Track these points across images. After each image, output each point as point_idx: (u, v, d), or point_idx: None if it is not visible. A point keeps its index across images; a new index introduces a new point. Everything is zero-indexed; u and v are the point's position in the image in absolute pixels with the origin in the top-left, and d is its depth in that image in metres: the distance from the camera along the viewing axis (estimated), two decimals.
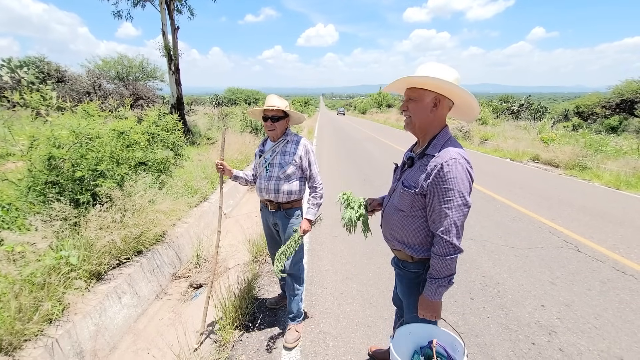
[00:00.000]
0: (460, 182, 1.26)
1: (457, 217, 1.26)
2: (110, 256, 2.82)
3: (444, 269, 1.30)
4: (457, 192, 1.26)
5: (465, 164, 1.29)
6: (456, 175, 1.26)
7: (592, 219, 4.71)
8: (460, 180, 1.26)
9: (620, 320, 2.49)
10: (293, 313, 2.30)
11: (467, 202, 1.27)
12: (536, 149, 10.69)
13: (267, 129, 2.21)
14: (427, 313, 1.41)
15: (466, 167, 1.29)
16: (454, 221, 1.26)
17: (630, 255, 3.55)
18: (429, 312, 1.40)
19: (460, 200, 1.26)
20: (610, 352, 2.16)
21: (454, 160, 1.27)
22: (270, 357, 2.15)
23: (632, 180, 6.94)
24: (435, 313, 1.39)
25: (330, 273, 3.24)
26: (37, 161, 3.23)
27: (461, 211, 1.27)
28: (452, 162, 1.27)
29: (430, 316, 1.41)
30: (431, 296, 1.35)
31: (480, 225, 4.47)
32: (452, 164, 1.27)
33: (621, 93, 20.45)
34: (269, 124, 2.19)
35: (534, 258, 3.49)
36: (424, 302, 1.39)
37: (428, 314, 1.41)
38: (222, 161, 2.24)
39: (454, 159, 1.28)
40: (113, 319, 2.60)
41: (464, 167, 1.28)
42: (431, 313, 1.40)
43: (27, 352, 1.98)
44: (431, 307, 1.38)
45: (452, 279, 1.33)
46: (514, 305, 2.67)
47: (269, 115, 2.17)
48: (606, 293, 2.84)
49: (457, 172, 1.26)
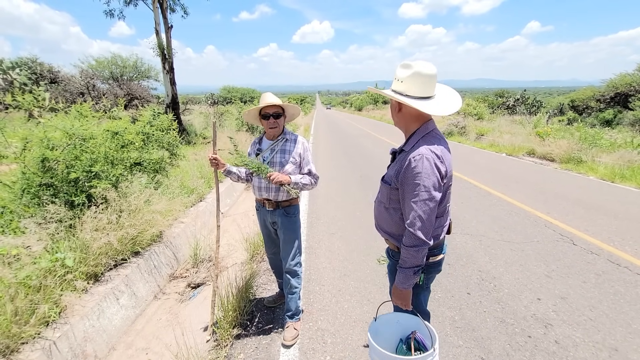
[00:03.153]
0: (426, 177, 1.30)
1: (422, 210, 1.30)
2: (107, 257, 2.81)
3: (409, 259, 1.35)
4: (423, 187, 1.30)
5: (433, 159, 1.32)
6: (422, 171, 1.31)
7: (587, 212, 4.74)
8: (426, 175, 1.30)
9: (615, 311, 2.52)
10: (291, 311, 2.31)
11: (433, 197, 1.31)
12: (532, 143, 10.73)
13: (268, 127, 2.18)
14: (397, 301, 1.46)
15: (434, 163, 1.32)
16: (419, 215, 1.31)
17: (625, 248, 3.59)
18: (399, 300, 1.46)
19: (426, 195, 1.30)
20: (605, 343, 2.19)
21: (421, 156, 1.32)
22: (269, 355, 2.16)
23: (626, 173, 6.99)
24: (404, 302, 1.45)
25: (327, 270, 3.25)
26: (31, 163, 3.20)
27: (427, 205, 1.30)
28: (419, 158, 1.32)
29: (401, 304, 1.45)
30: (399, 284, 1.41)
31: (477, 220, 4.49)
32: (419, 159, 1.32)
33: (615, 86, 20.57)
34: (271, 122, 2.16)
35: (530, 252, 3.52)
36: (395, 290, 1.45)
37: (399, 302, 1.46)
38: (215, 155, 2.21)
39: (421, 154, 1.33)
40: (111, 320, 2.60)
41: (431, 163, 1.31)
42: (401, 301, 1.45)
43: (24, 355, 1.97)
44: (400, 296, 1.44)
45: (418, 270, 1.38)
46: (510, 299, 2.69)
47: (270, 113, 2.15)
48: (601, 285, 2.88)
49: (424, 167, 1.31)
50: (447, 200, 1.47)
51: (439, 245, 1.51)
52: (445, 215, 1.50)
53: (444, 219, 1.49)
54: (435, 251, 1.50)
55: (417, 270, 1.37)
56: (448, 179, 1.40)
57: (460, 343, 2.22)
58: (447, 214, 1.51)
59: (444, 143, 1.43)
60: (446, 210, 1.49)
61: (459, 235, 4.00)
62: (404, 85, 1.39)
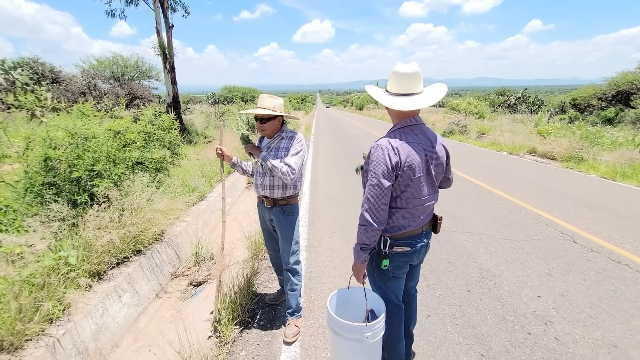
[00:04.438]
0: (377, 164, 1.43)
1: (371, 195, 1.43)
2: (110, 255, 2.83)
3: (359, 236, 1.50)
4: (373, 173, 1.44)
5: (387, 149, 1.43)
6: (374, 159, 1.45)
7: (588, 211, 4.75)
8: (377, 163, 1.43)
9: (615, 309, 2.53)
10: (292, 308, 2.33)
11: (381, 184, 1.42)
12: (533, 142, 10.71)
13: (258, 129, 2.26)
14: (354, 274, 1.62)
15: (387, 153, 1.41)
16: (367, 197, 1.45)
17: (625, 245, 3.59)
18: (353, 272, 1.61)
19: (375, 181, 1.43)
20: (605, 340, 2.20)
21: (377, 145, 1.46)
22: (270, 352, 2.17)
23: (627, 171, 6.98)
24: (357, 275, 1.59)
25: (328, 268, 3.26)
26: (34, 163, 3.22)
27: (374, 190, 1.42)
28: (375, 147, 1.47)
29: (355, 277, 1.61)
30: (354, 258, 1.57)
31: (477, 218, 4.50)
32: (374, 149, 1.47)
33: (617, 85, 20.50)
34: (258, 125, 2.23)
35: (530, 250, 3.53)
36: (353, 265, 1.60)
37: (355, 276, 1.62)
38: (221, 146, 2.28)
39: (377, 144, 1.47)
40: (114, 318, 2.62)
41: (384, 152, 1.43)
42: (355, 274, 1.61)
43: (28, 352, 2.00)
44: (354, 269, 1.60)
45: (366, 248, 1.50)
46: (511, 297, 2.70)
47: (258, 117, 2.20)
48: (601, 283, 2.88)
49: (376, 155, 1.44)
50: (414, 194, 1.50)
51: (405, 237, 1.56)
52: (412, 209, 1.53)
53: (409, 212, 1.52)
54: (401, 242, 1.55)
55: (364, 247, 1.50)
56: (406, 171, 1.44)
57: (461, 340, 2.23)
58: (416, 209, 1.54)
59: (415, 138, 1.48)
60: (411, 204, 1.51)
61: (460, 233, 4.01)
62: (388, 83, 1.52)
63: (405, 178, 1.45)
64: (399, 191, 1.48)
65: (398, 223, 1.53)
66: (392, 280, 1.65)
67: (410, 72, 1.47)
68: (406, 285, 1.80)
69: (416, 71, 1.47)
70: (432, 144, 1.52)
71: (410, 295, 1.85)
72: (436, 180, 1.58)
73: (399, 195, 1.49)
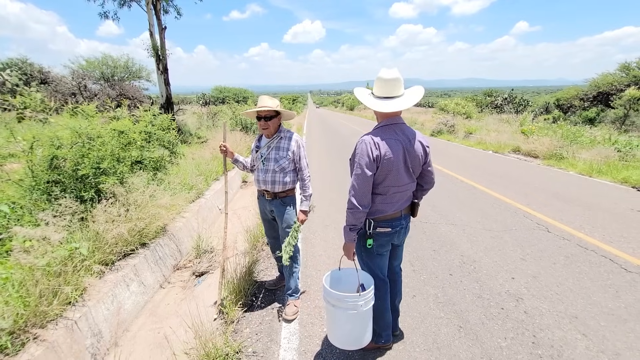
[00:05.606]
0: (361, 156, 1.70)
1: (356, 182, 1.70)
2: (119, 247, 3.02)
3: (347, 218, 1.77)
4: (358, 163, 1.71)
5: (369, 143, 1.70)
6: (359, 152, 1.71)
7: (563, 204, 5.10)
8: (361, 155, 1.70)
9: (578, 287, 2.84)
10: (291, 289, 2.57)
11: (364, 173, 1.68)
12: (517, 141, 11.16)
13: (261, 127, 2.44)
14: (344, 252, 1.87)
15: (369, 147, 1.68)
16: (353, 184, 1.72)
17: (594, 234, 3.93)
18: (344, 251, 1.87)
19: (359, 170, 1.70)
20: (567, 312, 2.50)
21: (361, 140, 1.74)
22: (272, 328, 2.41)
23: (603, 168, 7.41)
24: (347, 253, 1.85)
25: (323, 258, 3.51)
26: (40, 161, 3.37)
27: (359, 178, 1.70)
28: (359, 142, 1.74)
29: (346, 255, 1.87)
30: (345, 239, 1.82)
31: (461, 211, 4.81)
32: (359, 143, 1.74)
33: (597, 86, 21.31)
34: (262, 123, 2.42)
35: (508, 239, 3.84)
36: (343, 245, 1.86)
37: (345, 254, 1.87)
38: (225, 143, 2.49)
39: (362, 139, 1.74)
40: (123, 305, 2.81)
41: (367, 146, 1.69)
42: (345, 252, 1.86)
43: (49, 332, 2.19)
44: (345, 247, 1.86)
45: (354, 228, 1.77)
46: (488, 279, 2.99)
47: (262, 115, 2.40)
48: (569, 266, 3.20)
49: (361, 149, 1.71)
50: (393, 182, 1.77)
51: (386, 219, 1.83)
52: (391, 196, 1.80)
53: (389, 198, 1.80)
54: (382, 224, 1.83)
55: (352, 228, 1.76)
56: (385, 163, 1.70)
57: (442, 315, 2.50)
58: (394, 195, 1.81)
59: (394, 135, 1.75)
60: (390, 191, 1.79)
61: (445, 225, 4.30)
62: (374, 87, 1.78)
63: (384, 169, 1.71)
64: (380, 180, 1.75)
65: (379, 207, 1.80)
66: (376, 257, 1.91)
67: (392, 78, 1.73)
68: (391, 264, 2.06)
69: (397, 77, 1.73)
70: (409, 141, 1.78)
71: (395, 274, 2.11)
72: (413, 172, 1.84)
73: (380, 184, 1.76)
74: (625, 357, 2.05)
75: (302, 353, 2.17)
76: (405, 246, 3.63)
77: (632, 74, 19.66)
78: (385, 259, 1.97)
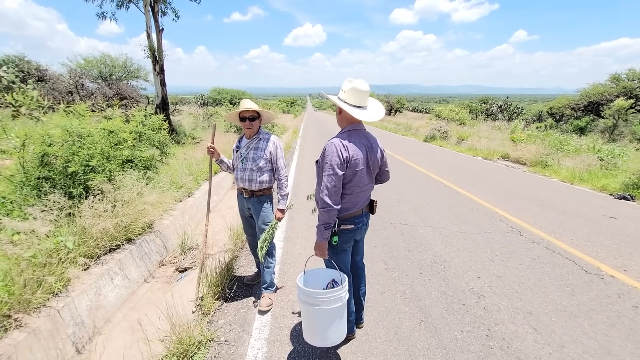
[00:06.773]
0: (331, 157, 1.82)
1: (328, 182, 1.81)
2: (104, 241, 3.15)
3: (321, 217, 1.85)
4: (329, 164, 1.82)
5: (338, 146, 1.82)
6: (329, 154, 1.83)
7: (540, 210, 5.29)
8: (331, 156, 1.82)
9: (538, 286, 3.01)
10: (267, 283, 2.71)
11: (336, 173, 1.80)
12: (506, 148, 11.40)
13: (245, 128, 2.62)
14: (317, 251, 1.93)
15: (339, 149, 1.81)
16: (326, 184, 1.81)
17: (563, 238, 4.12)
18: (317, 250, 1.94)
19: (330, 170, 1.81)
20: (523, 309, 2.66)
21: (330, 143, 1.87)
22: (245, 320, 2.55)
23: (584, 176, 7.63)
24: (321, 252, 1.93)
25: (302, 256, 3.66)
26: (31, 158, 3.51)
27: (331, 177, 1.81)
28: (329, 145, 1.87)
29: (319, 254, 1.93)
30: (317, 238, 1.90)
31: (440, 215, 4.98)
32: (328, 146, 1.87)
33: (588, 96, 21.73)
34: (247, 124, 2.59)
35: (481, 241, 4.01)
36: (315, 244, 1.94)
37: (317, 253, 1.94)
38: (212, 144, 2.64)
39: (331, 142, 1.88)
40: (106, 297, 2.94)
41: (336, 148, 1.81)
42: (319, 251, 1.93)
43: (32, 319, 2.31)
44: (318, 247, 1.93)
45: (328, 227, 1.86)
46: (455, 277, 3.15)
47: (246, 117, 2.57)
48: (533, 267, 3.37)
49: (330, 151, 1.84)
50: (358, 182, 1.93)
51: (350, 217, 1.98)
52: (356, 195, 1.96)
53: (354, 197, 1.96)
54: (346, 222, 1.98)
55: (326, 226, 1.86)
56: (352, 164, 1.86)
57: (407, 310, 2.66)
58: (358, 194, 1.96)
59: (359, 139, 1.91)
60: (355, 190, 1.94)
61: (423, 227, 4.47)
62: (346, 95, 1.91)
63: (351, 169, 1.88)
64: (347, 180, 1.90)
65: (345, 206, 1.96)
66: (341, 253, 2.07)
67: (366, 90, 1.92)
68: (354, 259, 2.22)
69: (369, 89, 1.93)
70: (371, 145, 1.95)
71: (359, 268, 2.27)
72: (373, 172, 2.02)
73: (347, 183, 1.91)
74: (569, 349, 2.22)
75: (271, 342, 2.31)
76: (382, 246, 3.82)
77: (621, 84, 20.10)
78: (349, 254, 2.13)
